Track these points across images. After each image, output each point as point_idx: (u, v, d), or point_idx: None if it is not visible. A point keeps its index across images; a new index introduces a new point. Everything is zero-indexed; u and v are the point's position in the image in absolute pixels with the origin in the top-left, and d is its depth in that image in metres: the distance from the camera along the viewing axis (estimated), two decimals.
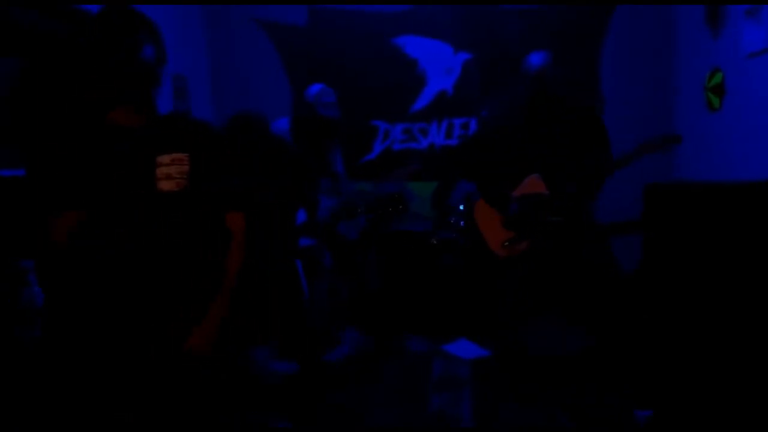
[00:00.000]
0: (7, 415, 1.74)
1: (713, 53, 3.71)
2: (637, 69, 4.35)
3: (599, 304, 3.04)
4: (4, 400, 1.76)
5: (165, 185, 1.66)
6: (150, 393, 1.70)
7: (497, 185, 2.97)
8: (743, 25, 3.29)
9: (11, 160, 2.06)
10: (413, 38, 4.51)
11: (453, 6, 4.41)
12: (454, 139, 4.54)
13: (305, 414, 2.78)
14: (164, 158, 1.66)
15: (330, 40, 4.50)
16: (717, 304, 2.50)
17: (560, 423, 2.60)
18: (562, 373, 2.96)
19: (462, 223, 3.99)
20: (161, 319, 1.71)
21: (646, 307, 2.96)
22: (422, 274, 3.97)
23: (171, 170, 1.66)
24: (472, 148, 3.16)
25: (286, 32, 4.51)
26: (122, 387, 1.68)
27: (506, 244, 2.86)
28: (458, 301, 3.74)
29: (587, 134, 2.96)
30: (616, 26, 4.35)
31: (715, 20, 3.64)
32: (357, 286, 3.65)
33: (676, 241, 2.78)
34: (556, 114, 2.93)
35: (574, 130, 2.94)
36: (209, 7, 4.52)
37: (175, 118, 1.83)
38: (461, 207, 4.05)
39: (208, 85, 4.58)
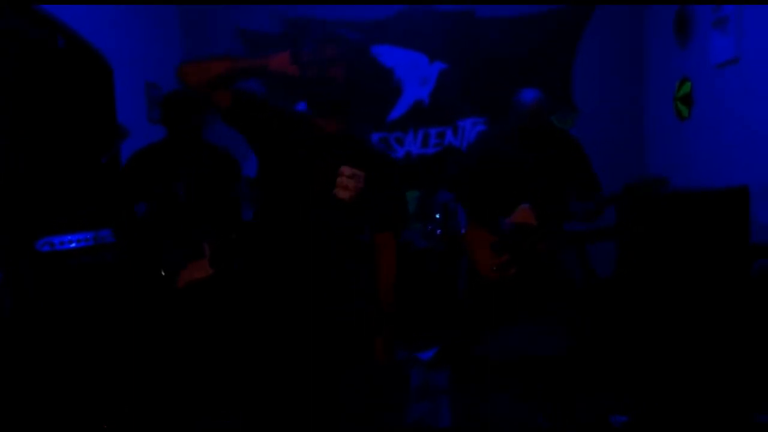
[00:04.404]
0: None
1: (682, 63, 3.80)
2: (609, 80, 4.43)
3: (575, 309, 3.08)
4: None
5: (341, 193, 1.79)
6: None
7: (490, 210, 3.08)
8: (711, 35, 3.38)
9: None
10: (388, 48, 4.53)
11: (428, 17, 4.45)
12: (430, 148, 4.57)
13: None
14: (347, 170, 1.79)
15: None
16: (689, 307, 2.55)
17: (538, 428, 2.61)
18: (540, 377, 2.98)
19: (439, 231, 4.00)
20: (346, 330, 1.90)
21: (621, 312, 3.01)
22: (401, 281, 3.95)
23: (350, 183, 1.78)
24: (465, 174, 3.22)
25: (263, 40, 4.49)
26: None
27: (495, 268, 2.98)
28: (437, 308, 3.74)
29: (573, 159, 3.10)
30: (587, 38, 4.43)
31: (684, 31, 3.73)
32: None
33: (649, 247, 2.83)
34: (544, 143, 3.04)
35: (561, 157, 3.06)
36: (187, 15, 4.50)
37: (356, 136, 1.95)
38: (437, 216, 4.06)
39: None
